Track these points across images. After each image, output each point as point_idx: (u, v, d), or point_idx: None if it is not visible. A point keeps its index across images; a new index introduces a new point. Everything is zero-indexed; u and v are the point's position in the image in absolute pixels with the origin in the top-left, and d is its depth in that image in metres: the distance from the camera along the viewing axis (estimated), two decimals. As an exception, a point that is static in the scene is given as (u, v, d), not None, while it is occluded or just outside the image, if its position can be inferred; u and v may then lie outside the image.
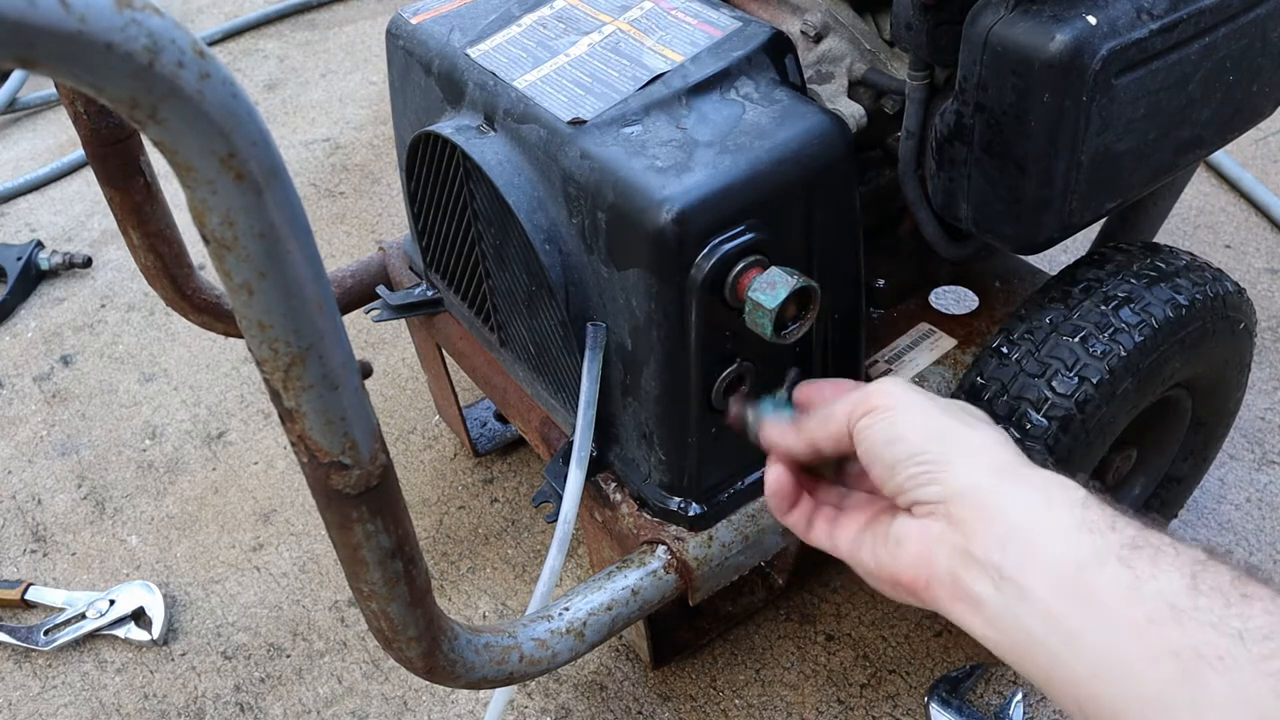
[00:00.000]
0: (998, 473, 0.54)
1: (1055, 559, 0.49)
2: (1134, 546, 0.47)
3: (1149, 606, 0.45)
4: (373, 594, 0.61)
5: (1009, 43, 0.76)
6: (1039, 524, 0.51)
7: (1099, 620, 0.46)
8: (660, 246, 0.73)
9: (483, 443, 1.33)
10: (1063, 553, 0.49)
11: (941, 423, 0.58)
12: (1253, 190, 1.60)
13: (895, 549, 0.58)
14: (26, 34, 0.31)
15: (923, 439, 0.57)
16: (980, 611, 0.52)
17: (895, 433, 0.58)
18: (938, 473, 0.55)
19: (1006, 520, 0.52)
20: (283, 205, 0.41)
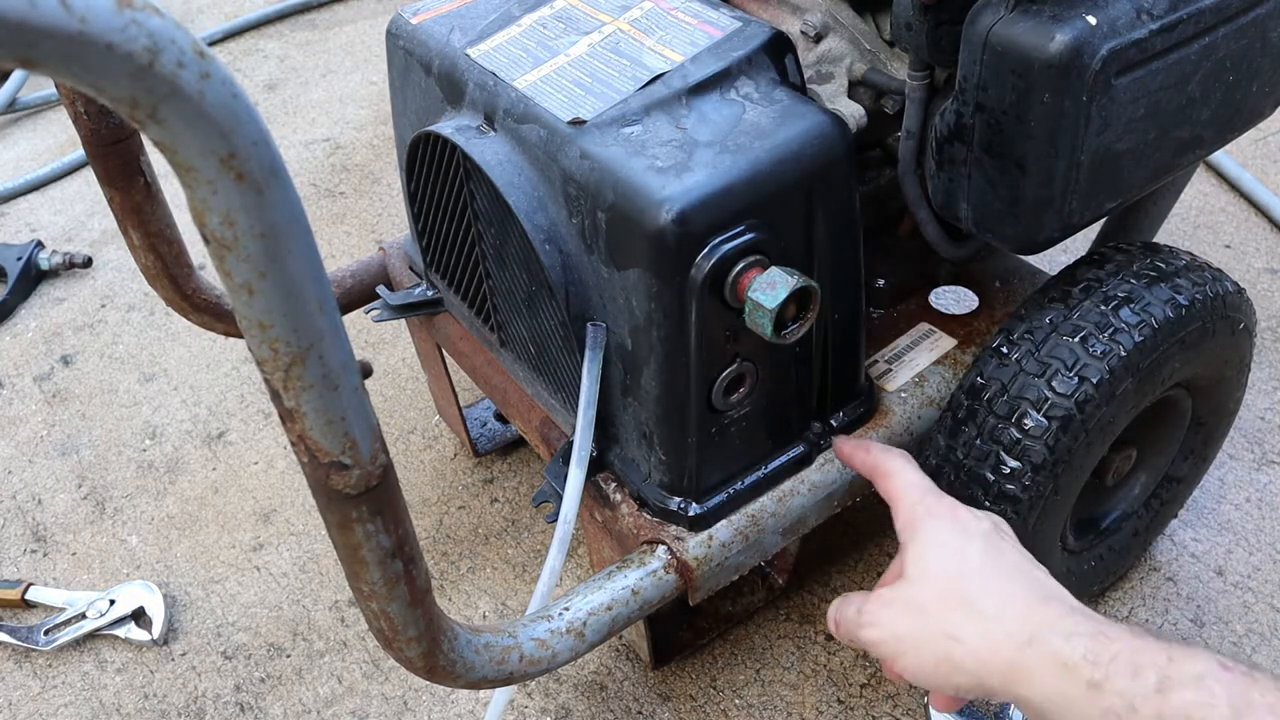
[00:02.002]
0: (1016, 670, 0.60)
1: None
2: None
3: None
4: (373, 594, 0.61)
5: (1009, 43, 0.76)
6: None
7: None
8: (660, 246, 0.73)
9: (483, 443, 1.33)
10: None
11: (942, 654, 0.64)
12: (1253, 190, 1.60)
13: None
14: (27, 34, 0.31)
15: (945, 682, 0.64)
16: None
17: (923, 681, 0.65)
18: (979, 691, 0.63)
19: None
20: (283, 205, 0.41)
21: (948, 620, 0.63)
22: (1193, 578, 1.13)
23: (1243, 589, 1.12)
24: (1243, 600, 1.11)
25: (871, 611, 0.69)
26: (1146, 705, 0.51)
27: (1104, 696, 0.53)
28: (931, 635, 0.64)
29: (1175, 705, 0.49)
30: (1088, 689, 0.54)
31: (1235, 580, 1.13)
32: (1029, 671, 0.58)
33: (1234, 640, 1.07)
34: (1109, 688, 0.53)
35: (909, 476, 0.77)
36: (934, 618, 0.64)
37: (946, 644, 0.63)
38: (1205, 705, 0.48)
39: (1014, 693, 0.59)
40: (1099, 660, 0.54)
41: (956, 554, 0.66)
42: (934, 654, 0.64)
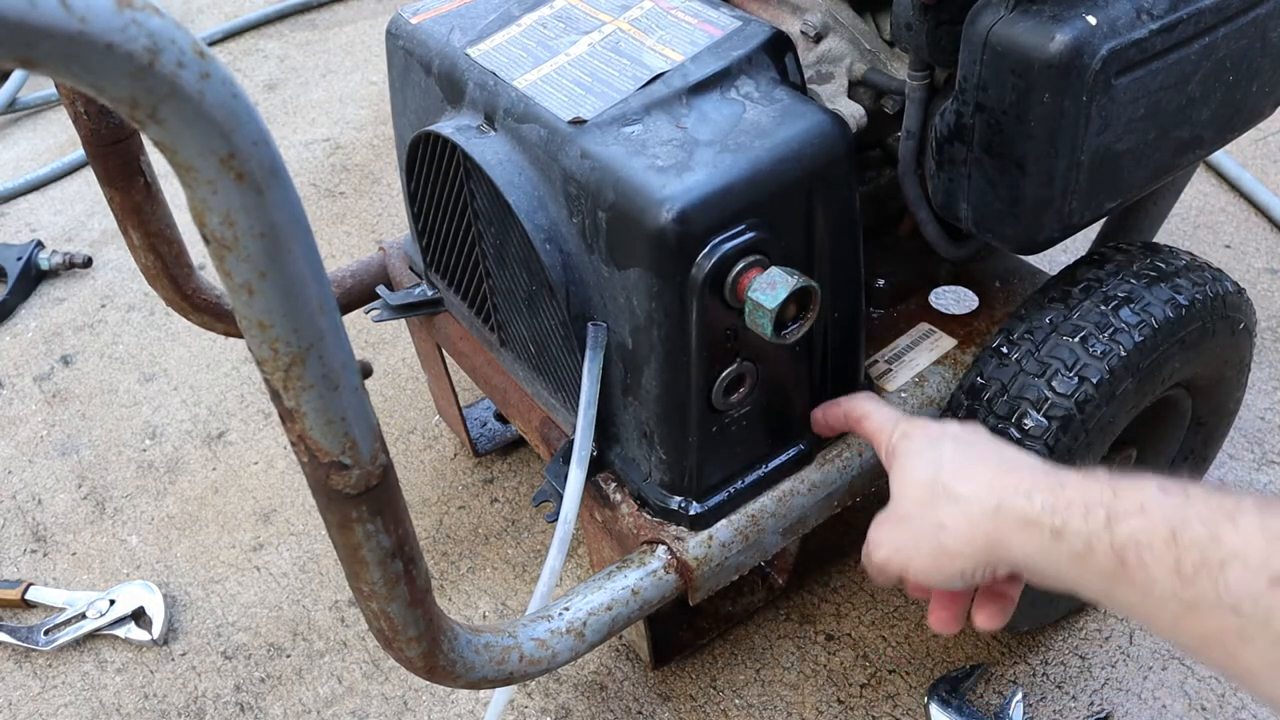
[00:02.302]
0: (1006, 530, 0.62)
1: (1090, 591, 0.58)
2: (1122, 559, 0.54)
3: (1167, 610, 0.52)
4: (373, 594, 0.61)
5: (1009, 43, 0.76)
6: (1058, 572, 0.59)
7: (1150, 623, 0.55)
8: (661, 246, 0.73)
9: (483, 443, 1.33)
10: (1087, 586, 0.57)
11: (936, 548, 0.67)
12: (1253, 190, 1.60)
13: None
14: (27, 34, 0.31)
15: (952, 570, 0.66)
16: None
17: (937, 578, 0.68)
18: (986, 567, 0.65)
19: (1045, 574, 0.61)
20: (283, 205, 0.41)
21: (932, 515, 0.67)
22: (1193, 578, 1.13)
23: (1243, 589, 1.12)
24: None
25: (873, 538, 0.73)
26: (1100, 541, 0.55)
27: (1066, 541, 0.57)
28: (923, 533, 0.67)
29: (1122, 536, 0.54)
30: (1052, 538, 0.58)
31: (1235, 580, 1.13)
32: (1004, 536, 0.61)
33: (1234, 640, 1.07)
34: (1068, 532, 0.57)
35: (880, 413, 0.81)
36: (920, 518, 0.68)
37: (936, 535, 0.66)
38: (1147, 530, 0.53)
39: (1002, 559, 0.63)
40: (1056, 509, 0.58)
41: (930, 460, 0.70)
42: (930, 548, 0.67)
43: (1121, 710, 1.03)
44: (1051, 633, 1.10)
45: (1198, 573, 0.50)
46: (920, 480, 0.70)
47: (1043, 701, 1.05)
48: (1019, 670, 1.07)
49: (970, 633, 1.10)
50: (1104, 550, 0.55)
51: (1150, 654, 1.07)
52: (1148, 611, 0.54)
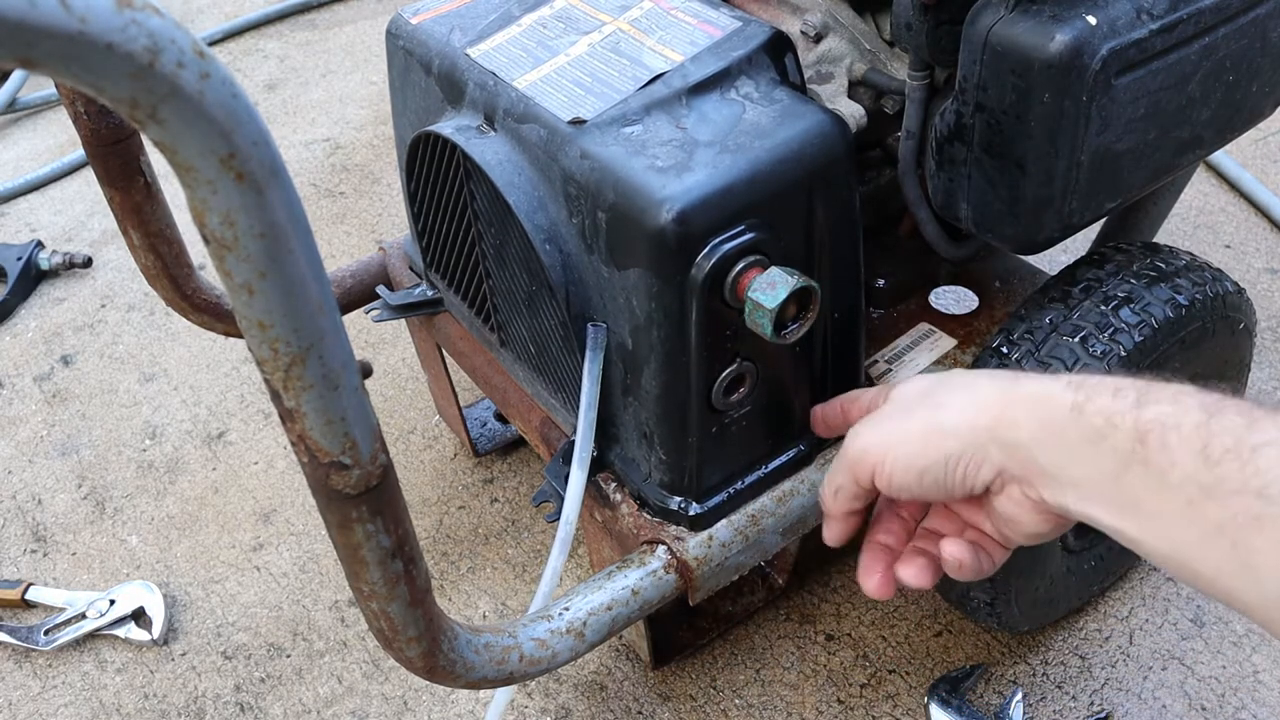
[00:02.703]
0: (1005, 423, 0.60)
1: (1092, 484, 0.55)
2: (1141, 439, 0.52)
3: (1181, 495, 0.50)
4: (373, 594, 0.61)
5: (1009, 43, 0.76)
6: (1061, 455, 0.57)
7: (1152, 522, 0.52)
8: (660, 246, 0.73)
9: (483, 443, 1.33)
10: (1093, 474, 0.55)
11: (925, 424, 0.64)
12: (1253, 190, 1.60)
13: (1016, 525, 0.63)
14: (27, 34, 0.31)
15: (936, 450, 0.62)
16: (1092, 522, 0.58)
17: (915, 468, 0.64)
18: (973, 458, 0.61)
19: (1041, 465, 0.58)
20: (283, 205, 0.41)
21: (929, 402, 0.65)
22: (1193, 578, 1.13)
23: (1243, 589, 1.12)
24: (1243, 600, 1.11)
25: (856, 428, 0.70)
26: (1125, 420, 0.53)
27: (1085, 417, 0.55)
28: (913, 419, 0.65)
29: (1149, 415, 0.52)
30: (1071, 412, 0.56)
31: (1235, 580, 1.13)
32: (1012, 412, 0.59)
33: (1234, 640, 1.07)
34: (1090, 408, 0.55)
35: (869, 391, 0.79)
36: (914, 409, 0.66)
37: (934, 414, 0.63)
38: (1177, 414, 0.51)
39: (1002, 440, 0.59)
40: (1079, 385, 0.56)
41: (929, 379, 0.68)
42: (920, 429, 0.64)
43: (1121, 710, 1.03)
44: (1051, 633, 1.10)
45: (1224, 456, 0.49)
46: (919, 385, 0.67)
47: (1043, 701, 1.05)
48: (1019, 670, 1.07)
49: (970, 632, 1.10)
50: (1126, 428, 0.53)
51: (1150, 654, 1.07)
52: (1154, 500, 0.51)
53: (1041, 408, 0.57)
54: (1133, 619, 1.11)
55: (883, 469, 0.66)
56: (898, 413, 0.67)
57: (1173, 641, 1.08)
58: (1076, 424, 0.55)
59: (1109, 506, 0.54)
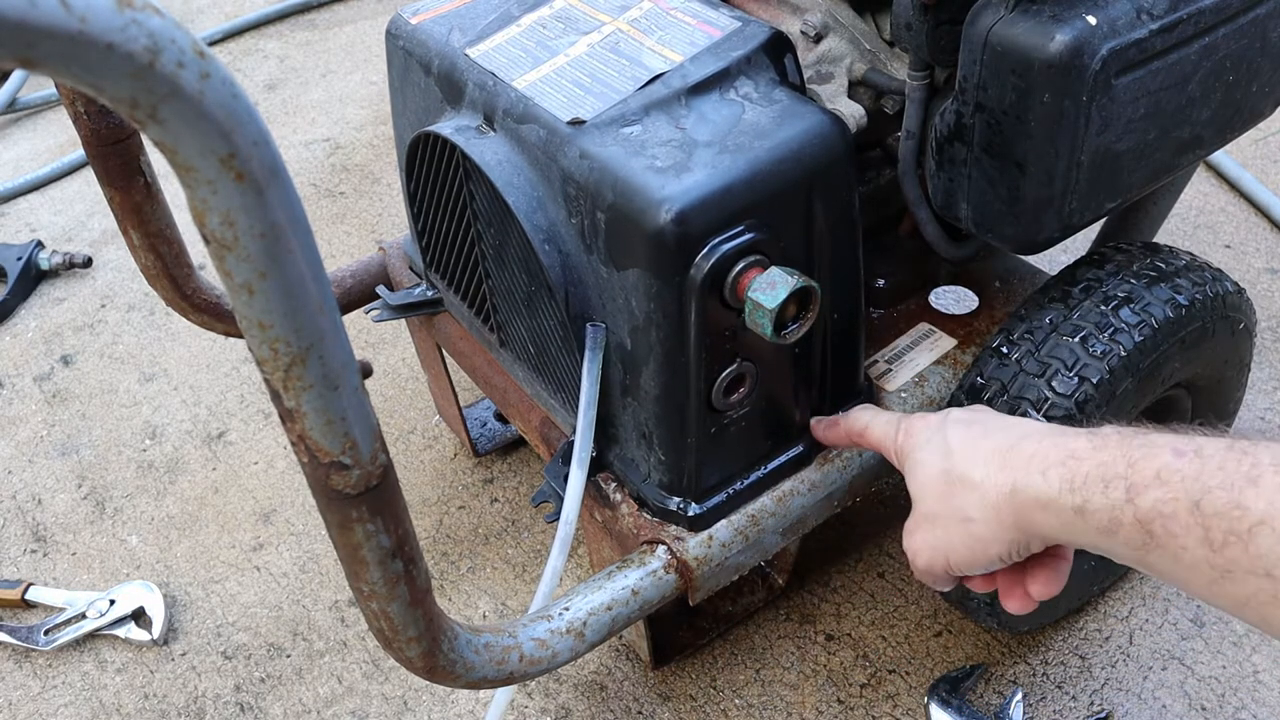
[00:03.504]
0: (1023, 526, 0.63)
1: (1125, 560, 0.57)
2: (1148, 531, 0.54)
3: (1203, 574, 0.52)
4: (373, 594, 0.61)
5: (1009, 43, 0.76)
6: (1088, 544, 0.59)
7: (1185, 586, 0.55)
8: (660, 246, 0.73)
9: (483, 443, 1.33)
10: (1122, 555, 0.57)
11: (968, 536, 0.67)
12: (1253, 190, 1.60)
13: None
14: (27, 34, 0.31)
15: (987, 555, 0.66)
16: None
17: (976, 564, 0.68)
18: (1020, 548, 0.66)
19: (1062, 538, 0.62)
20: (283, 205, 0.41)
21: (954, 507, 0.67)
22: (1193, 578, 1.13)
23: (1243, 589, 1.12)
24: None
25: (909, 546, 0.73)
26: (1124, 515, 0.55)
27: (1089, 518, 0.57)
28: (951, 527, 0.67)
29: (1145, 508, 0.54)
30: (1075, 515, 0.58)
31: (1235, 580, 1.13)
32: (1027, 516, 0.62)
33: (1234, 640, 1.07)
34: (1089, 509, 0.57)
35: (879, 421, 0.81)
36: (944, 513, 0.68)
37: (965, 527, 0.66)
38: (1169, 501, 0.53)
39: (1033, 535, 0.63)
40: (1074, 485, 0.58)
41: (938, 448, 0.70)
42: (962, 540, 0.67)
43: (1121, 710, 1.03)
44: (1051, 633, 1.10)
45: (1227, 541, 0.50)
46: (933, 475, 0.69)
47: (1043, 701, 1.05)
48: (1019, 670, 1.07)
49: (970, 632, 1.10)
50: (1130, 524, 0.55)
51: (1150, 654, 1.07)
52: (1183, 577, 0.54)
53: (1048, 514, 0.60)
54: (1133, 619, 1.11)
55: (949, 567, 0.70)
56: (930, 522, 0.70)
57: (1173, 641, 1.08)
58: (1085, 524, 0.58)
59: (1147, 573, 0.58)
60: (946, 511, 0.68)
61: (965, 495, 0.66)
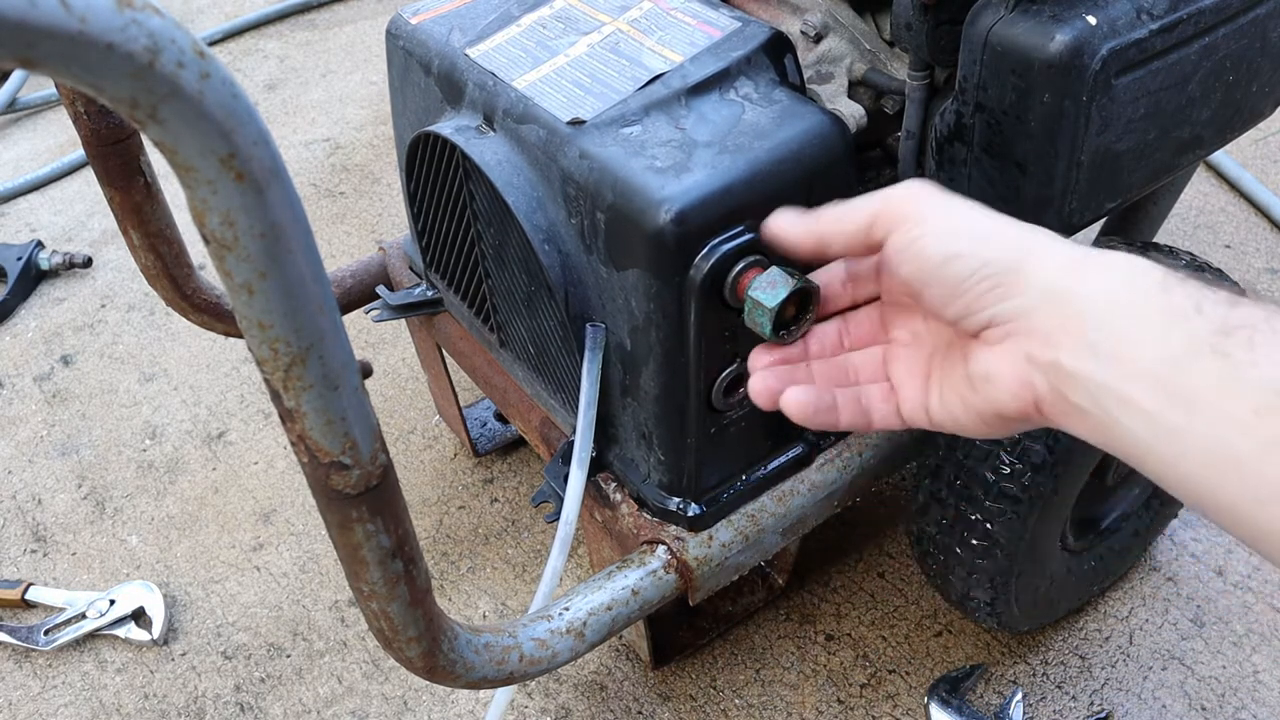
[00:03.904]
0: (1072, 271, 0.50)
1: (1146, 359, 0.47)
2: (1225, 332, 0.45)
3: (1252, 398, 0.43)
4: (373, 594, 0.61)
5: (1009, 43, 0.76)
6: (1124, 321, 0.48)
7: (1202, 419, 0.45)
8: (659, 247, 0.73)
9: (483, 443, 1.33)
10: (1153, 351, 0.46)
11: (995, 225, 0.53)
12: (1253, 190, 1.60)
13: (987, 387, 0.53)
14: (27, 34, 0.31)
15: (985, 246, 0.52)
16: (1086, 421, 0.49)
17: (952, 248, 0.53)
18: (1012, 282, 0.51)
19: (1091, 322, 0.48)
20: (283, 205, 0.41)
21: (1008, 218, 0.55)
22: (1193, 578, 1.14)
23: (1243, 589, 1.12)
24: (1243, 600, 1.11)
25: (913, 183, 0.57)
26: (1214, 309, 0.46)
27: (1171, 296, 0.48)
28: (987, 212, 0.55)
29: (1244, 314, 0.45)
30: (1157, 285, 0.48)
31: (1235, 580, 1.13)
32: (1086, 269, 0.50)
33: (1234, 640, 1.07)
34: (1179, 289, 0.48)
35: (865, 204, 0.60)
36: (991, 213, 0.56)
37: (1008, 221, 0.55)
38: (1273, 316, 0.45)
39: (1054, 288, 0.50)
40: (1174, 270, 0.49)
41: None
42: (987, 218, 0.55)
43: (1121, 710, 1.03)
44: (1051, 633, 1.10)
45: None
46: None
47: (1043, 701, 1.05)
48: (1019, 670, 1.07)
49: (970, 632, 1.10)
50: (1213, 316, 0.46)
51: (1150, 654, 1.07)
52: (1217, 396, 0.44)
53: (1122, 272, 0.49)
54: (1133, 619, 1.11)
55: (914, 228, 0.54)
56: (959, 199, 0.56)
57: (1173, 641, 1.08)
58: (1158, 298, 0.47)
59: (1157, 390, 0.46)
60: (991, 212, 0.55)
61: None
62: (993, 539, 0.91)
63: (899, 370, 0.60)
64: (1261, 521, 0.43)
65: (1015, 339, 0.51)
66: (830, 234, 0.58)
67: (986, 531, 0.91)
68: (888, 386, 0.60)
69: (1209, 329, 0.46)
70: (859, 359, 0.62)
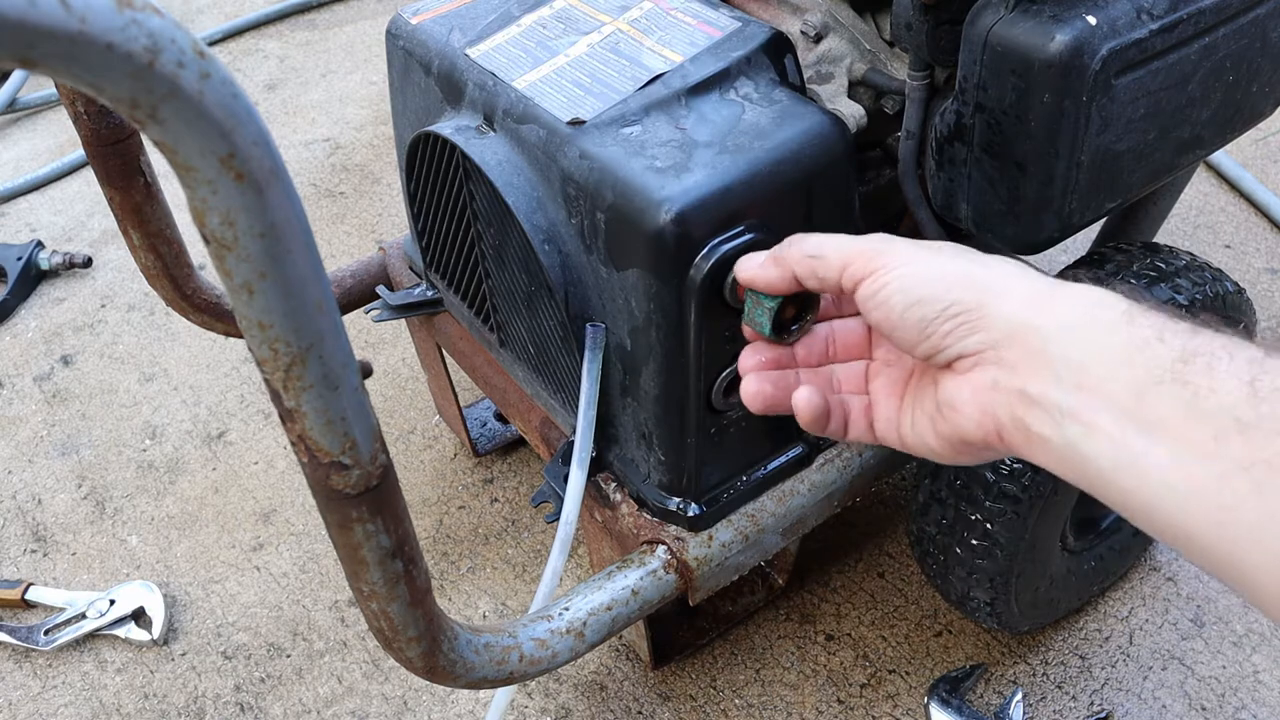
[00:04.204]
0: (1036, 304, 0.51)
1: (1110, 388, 0.47)
2: (1186, 358, 0.46)
3: (1212, 424, 0.44)
4: (373, 594, 0.61)
5: (1009, 43, 0.76)
6: (1089, 352, 0.49)
7: (1164, 445, 0.45)
8: (659, 247, 0.73)
9: (483, 443, 1.33)
10: (1117, 379, 0.47)
11: (958, 268, 0.55)
12: (1253, 190, 1.60)
13: (952, 414, 0.54)
14: (27, 34, 0.31)
15: (947, 292, 0.53)
16: (1049, 450, 0.50)
17: (914, 295, 0.54)
18: (975, 320, 0.52)
19: (1056, 353, 0.49)
20: (283, 205, 0.41)
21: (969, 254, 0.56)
22: (1193, 578, 1.13)
23: (1243, 589, 1.12)
24: (1243, 600, 1.11)
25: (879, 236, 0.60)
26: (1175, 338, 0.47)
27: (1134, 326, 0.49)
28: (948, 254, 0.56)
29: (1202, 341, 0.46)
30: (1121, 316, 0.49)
31: (1235, 580, 1.13)
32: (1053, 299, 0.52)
33: (1234, 640, 1.07)
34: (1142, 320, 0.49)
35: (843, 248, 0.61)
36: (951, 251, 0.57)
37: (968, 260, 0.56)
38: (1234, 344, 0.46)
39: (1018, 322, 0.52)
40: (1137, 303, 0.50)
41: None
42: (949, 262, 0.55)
43: (1121, 710, 1.03)
44: (1051, 633, 1.10)
45: (1273, 394, 0.43)
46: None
47: (1043, 701, 1.05)
48: (1019, 670, 1.07)
49: (970, 632, 1.10)
50: (1173, 345, 0.46)
51: (1150, 654, 1.07)
52: (1179, 422, 0.45)
53: (1086, 304, 0.50)
54: (1133, 619, 1.11)
55: (880, 277, 0.56)
56: (926, 246, 0.57)
57: (1173, 641, 1.08)
58: (1122, 329, 0.48)
59: (1121, 417, 0.47)
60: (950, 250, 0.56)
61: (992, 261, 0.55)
62: (993, 539, 0.91)
63: (877, 386, 0.61)
64: (1222, 547, 0.43)
65: (983, 368, 0.52)
66: (802, 273, 0.61)
67: (986, 531, 0.91)
68: (867, 401, 0.62)
69: (1171, 357, 0.46)
70: (843, 371, 0.64)
